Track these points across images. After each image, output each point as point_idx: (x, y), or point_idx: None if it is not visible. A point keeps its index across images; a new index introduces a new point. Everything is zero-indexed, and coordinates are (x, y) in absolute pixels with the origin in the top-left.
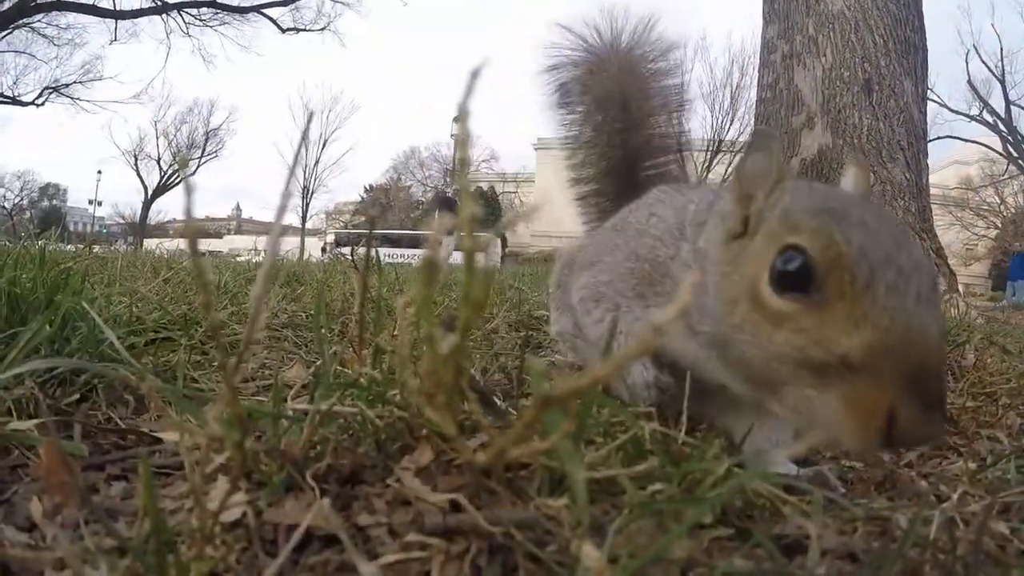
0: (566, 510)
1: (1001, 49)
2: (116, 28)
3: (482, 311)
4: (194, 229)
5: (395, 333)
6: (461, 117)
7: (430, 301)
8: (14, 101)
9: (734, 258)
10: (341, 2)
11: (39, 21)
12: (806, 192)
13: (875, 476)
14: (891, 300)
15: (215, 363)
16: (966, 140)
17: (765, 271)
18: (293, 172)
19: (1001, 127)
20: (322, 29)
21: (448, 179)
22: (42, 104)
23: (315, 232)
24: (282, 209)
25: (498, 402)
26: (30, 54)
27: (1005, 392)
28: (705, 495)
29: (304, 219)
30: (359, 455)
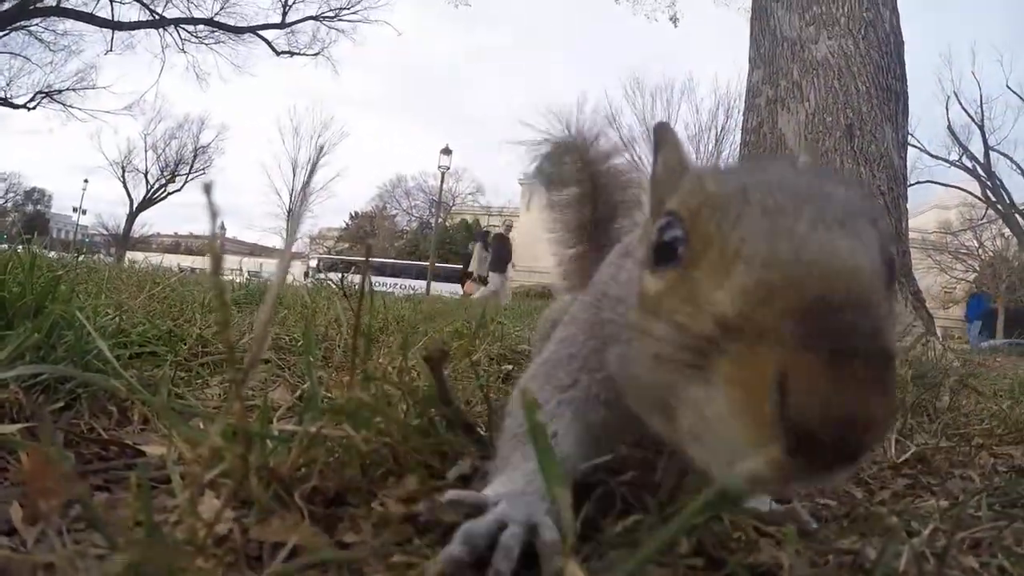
0: None
1: (981, 96)
2: (113, 38)
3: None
4: (216, 251)
5: (382, 362)
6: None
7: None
8: (6, 103)
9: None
10: (336, 28)
11: (37, 25)
12: (716, 167)
13: (849, 512)
14: (770, 225)
15: (199, 380)
16: (946, 185)
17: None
18: (305, 200)
19: (980, 172)
20: (316, 54)
21: (433, 210)
22: (34, 108)
23: (299, 256)
24: (291, 239)
25: (481, 432)
26: (25, 57)
27: (978, 432)
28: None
29: (288, 242)
30: (345, 478)
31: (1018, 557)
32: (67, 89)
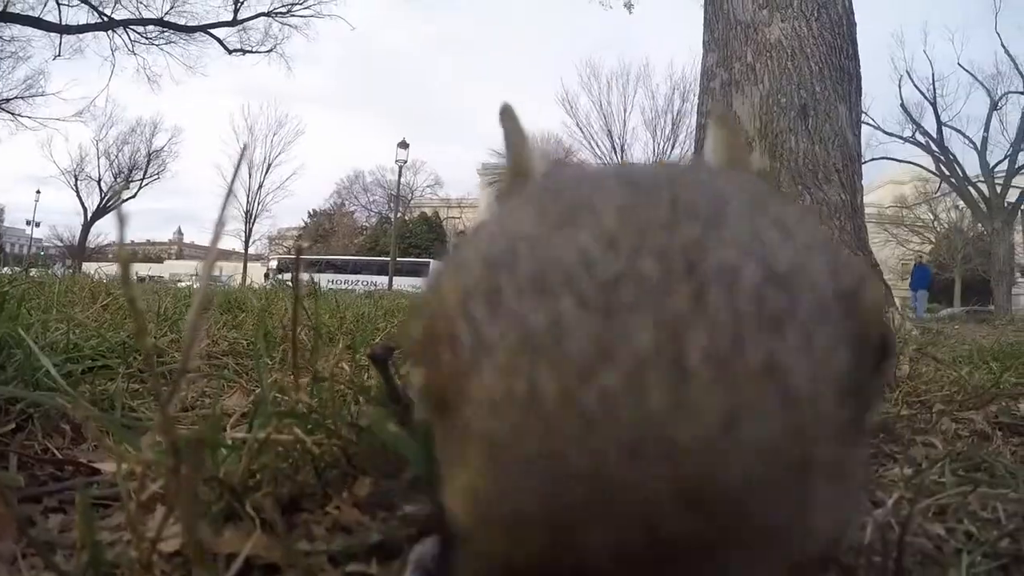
0: None
1: (933, 74)
2: (61, 43)
3: None
4: (127, 256)
5: (332, 361)
6: None
7: None
8: None
9: None
10: (289, 24)
11: None
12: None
13: None
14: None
15: (153, 392)
16: (900, 160)
17: None
18: (228, 199)
19: (933, 147)
20: (269, 51)
21: (391, 204)
22: None
23: (258, 257)
24: (216, 238)
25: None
26: None
27: (939, 399)
28: None
29: (247, 244)
30: (298, 483)
31: (984, 522)
32: (15, 97)
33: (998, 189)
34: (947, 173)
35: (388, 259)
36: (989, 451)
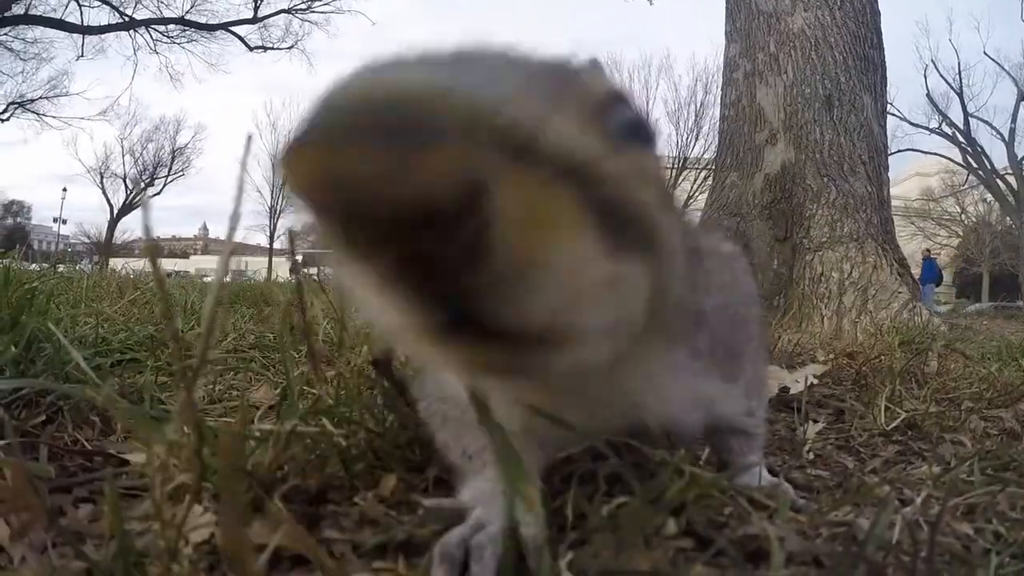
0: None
1: (959, 63)
2: (83, 43)
3: None
4: (152, 247)
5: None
6: None
7: None
8: None
9: None
10: (309, 21)
11: (6, 35)
12: None
13: (840, 483)
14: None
15: (179, 377)
16: (926, 152)
17: None
18: (240, 197)
19: (960, 139)
20: (290, 47)
21: None
22: (7, 119)
23: (283, 252)
24: (231, 232)
25: None
26: None
27: (968, 396)
28: (666, 507)
29: (272, 239)
30: (325, 475)
31: (1013, 522)
32: (40, 98)
33: None
34: (974, 165)
35: None
36: (1018, 450)
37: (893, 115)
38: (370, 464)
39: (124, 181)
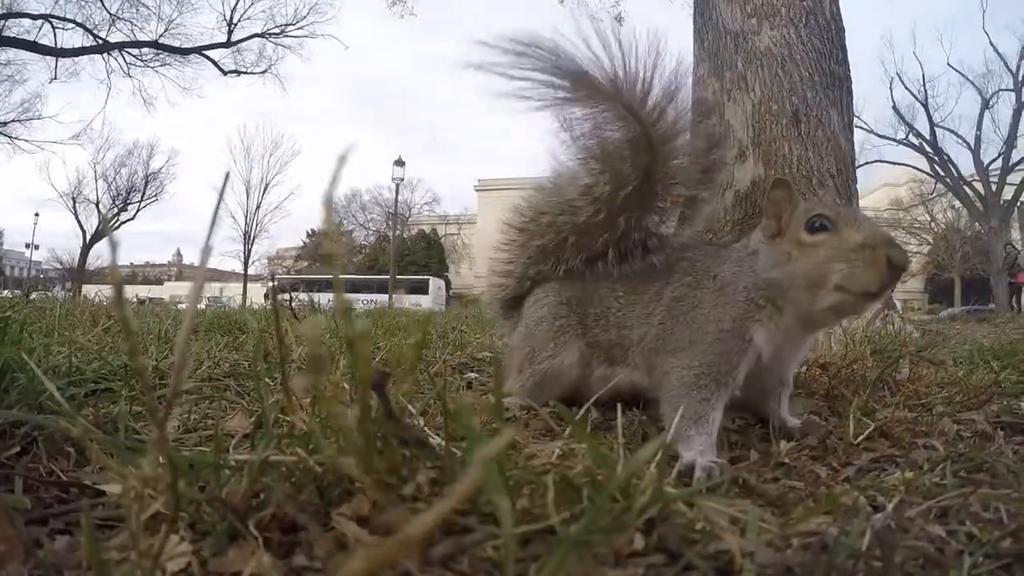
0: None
1: (923, 76)
2: (57, 66)
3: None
4: (118, 278)
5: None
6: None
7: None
8: None
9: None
10: (283, 45)
11: None
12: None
13: (812, 493)
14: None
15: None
16: (894, 163)
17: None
18: (213, 229)
19: (927, 148)
20: (263, 72)
21: (390, 223)
22: None
23: (258, 278)
24: (203, 264)
25: (436, 445)
26: None
27: (939, 401)
28: (632, 522)
29: (246, 265)
30: (300, 502)
31: (986, 523)
32: (12, 121)
33: (993, 187)
34: (942, 173)
35: (388, 277)
36: (991, 451)
37: (860, 128)
38: (347, 489)
39: (97, 206)
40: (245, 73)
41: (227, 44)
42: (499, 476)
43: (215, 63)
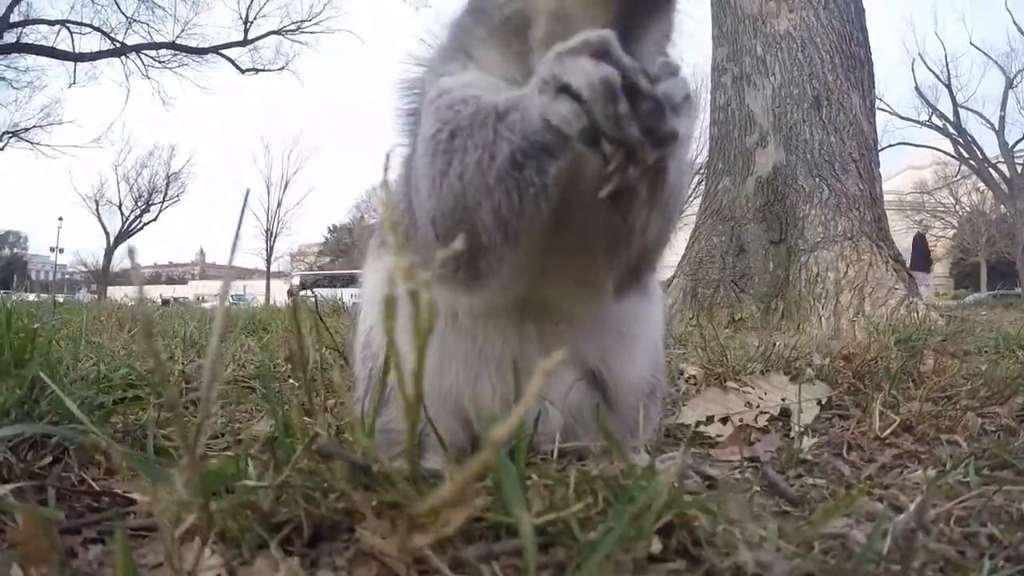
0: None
1: (946, 55)
2: (75, 71)
3: None
4: (148, 316)
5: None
6: None
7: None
8: None
9: None
10: (299, 42)
11: None
12: None
13: (834, 492)
14: None
15: (186, 419)
16: (917, 145)
17: None
18: (236, 243)
19: (951, 130)
20: (280, 69)
21: None
22: (2, 149)
23: (280, 275)
24: (228, 278)
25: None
26: None
27: (964, 394)
28: (650, 526)
29: (268, 262)
30: (324, 511)
31: (1008, 524)
32: (34, 127)
33: (1019, 168)
34: (966, 155)
35: None
36: (1014, 448)
37: (883, 110)
38: (369, 494)
39: (120, 208)
40: (262, 71)
41: (244, 42)
42: (519, 488)
43: (232, 62)
